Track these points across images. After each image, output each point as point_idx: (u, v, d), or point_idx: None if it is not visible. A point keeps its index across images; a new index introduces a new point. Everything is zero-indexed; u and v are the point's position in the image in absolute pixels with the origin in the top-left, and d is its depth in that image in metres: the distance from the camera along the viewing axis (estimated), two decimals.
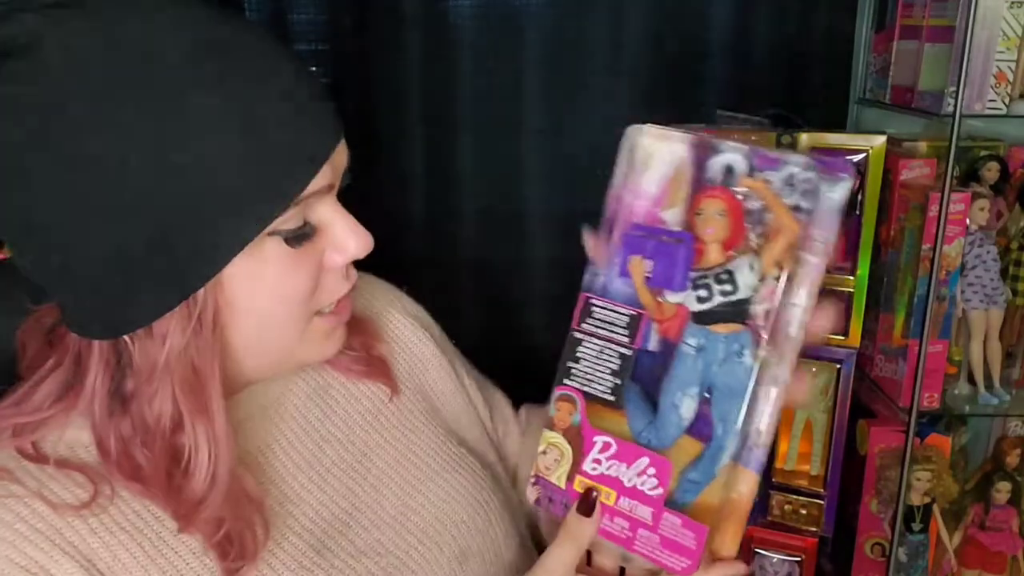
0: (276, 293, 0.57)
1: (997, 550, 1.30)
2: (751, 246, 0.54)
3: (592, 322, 0.58)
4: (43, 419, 0.57)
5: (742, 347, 0.54)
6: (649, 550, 0.55)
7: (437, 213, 1.39)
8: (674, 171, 0.56)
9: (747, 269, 0.54)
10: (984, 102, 1.10)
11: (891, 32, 1.26)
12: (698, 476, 0.55)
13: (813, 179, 0.52)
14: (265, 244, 0.55)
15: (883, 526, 1.25)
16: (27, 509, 0.54)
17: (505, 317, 1.40)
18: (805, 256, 0.52)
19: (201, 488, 0.56)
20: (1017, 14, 1.08)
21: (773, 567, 1.29)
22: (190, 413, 0.55)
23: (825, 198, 0.52)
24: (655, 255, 0.56)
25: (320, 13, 1.32)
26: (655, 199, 0.57)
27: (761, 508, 1.28)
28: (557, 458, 0.59)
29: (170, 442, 0.56)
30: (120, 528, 0.56)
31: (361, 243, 0.59)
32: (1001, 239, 1.21)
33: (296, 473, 0.66)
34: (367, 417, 0.72)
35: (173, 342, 0.54)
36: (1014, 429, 1.31)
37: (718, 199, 0.54)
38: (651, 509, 0.55)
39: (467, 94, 1.36)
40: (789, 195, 0.53)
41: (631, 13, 1.33)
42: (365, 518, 0.67)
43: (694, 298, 0.55)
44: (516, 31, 1.33)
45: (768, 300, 0.53)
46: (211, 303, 0.54)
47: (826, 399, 1.22)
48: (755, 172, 0.54)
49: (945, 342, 1.16)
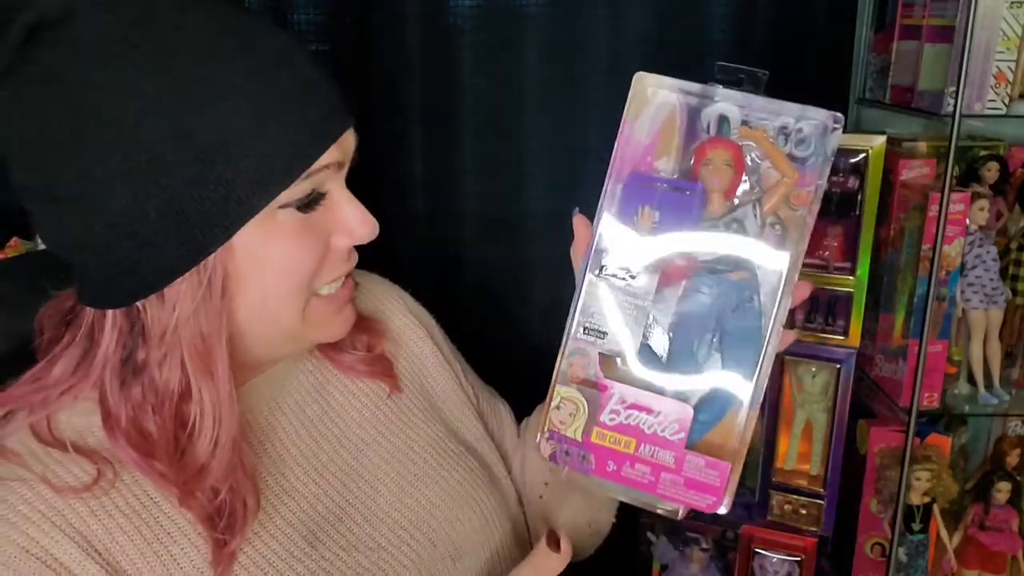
0: (283, 265, 0.58)
1: (997, 550, 1.30)
2: (751, 196, 0.55)
3: (604, 272, 0.58)
4: (59, 393, 0.59)
5: (752, 293, 0.55)
6: (673, 492, 0.56)
7: (437, 213, 1.39)
8: (665, 119, 0.58)
9: (752, 217, 0.55)
10: (984, 102, 1.10)
11: (891, 32, 1.26)
12: (707, 417, 0.56)
13: (805, 129, 0.55)
14: (277, 215, 0.57)
15: (883, 526, 1.25)
16: (31, 492, 0.56)
17: (505, 317, 1.40)
18: (799, 206, 0.55)
19: (204, 454, 0.58)
20: (1017, 14, 1.08)
21: (773, 567, 1.29)
22: (197, 379, 0.57)
23: (817, 147, 0.54)
24: (663, 203, 0.56)
25: (320, 13, 1.32)
26: (647, 148, 0.58)
27: (761, 508, 1.28)
28: (572, 412, 0.58)
29: (178, 407, 0.58)
30: (119, 511, 0.58)
31: (367, 228, 0.62)
32: (1001, 239, 1.21)
33: (292, 467, 0.67)
34: (364, 414, 0.73)
35: (183, 308, 0.56)
36: (1014, 429, 1.31)
37: (726, 149, 0.56)
38: (673, 453, 0.56)
39: (467, 94, 1.36)
40: (783, 145, 0.55)
41: (631, 13, 1.33)
42: (358, 513, 0.68)
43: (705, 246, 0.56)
44: (516, 31, 1.33)
45: (767, 243, 0.56)
46: (220, 270, 0.56)
47: (826, 399, 1.22)
48: (750, 123, 0.56)
49: (945, 342, 1.16)
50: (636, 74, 0.60)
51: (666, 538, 1.34)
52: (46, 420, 0.59)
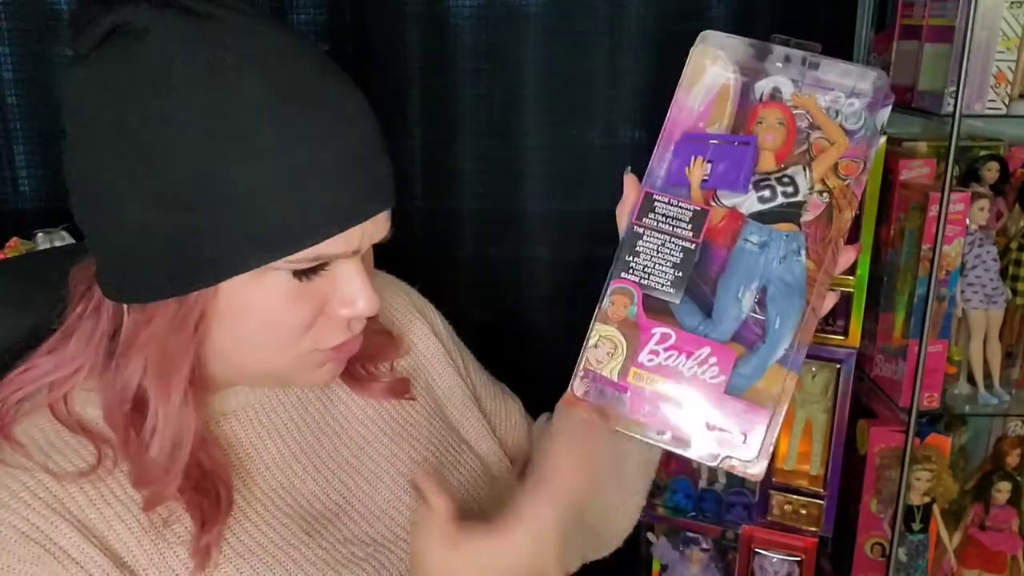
0: (264, 321, 0.59)
1: (997, 550, 1.30)
2: (803, 159, 0.57)
3: (654, 217, 0.59)
4: (74, 370, 0.61)
5: (799, 247, 0.56)
6: None
7: (437, 213, 1.39)
8: (719, 91, 0.59)
9: (802, 176, 0.57)
10: (984, 102, 1.10)
11: (891, 32, 1.26)
12: (750, 371, 0.56)
13: (856, 104, 0.57)
14: (267, 275, 0.57)
15: (883, 526, 1.25)
16: (32, 479, 0.58)
17: (505, 317, 1.40)
18: (847, 176, 0.56)
19: (161, 461, 0.59)
20: (1017, 14, 1.08)
21: (773, 567, 1.29)
22: (154, 394, 0.59)
23: (868, 121, 0.56)
24: (716, 157, 0.58)
25: (320, 13, 1.32)
26: (700, 115, 0.59)
27: (761, 508, 1.28)
28: (610, 351, 0.58)
29: (133, 410, 0.60)
30: (117, 499, 0.59)
31: (369, 304, 0.60)
32: (1001, 239, 1.21)
33: (292, 462, 0.67)
34: (367, 412, 0.73)
35: (157, 326, 0.58)
36: (1014, 429, 1.31)
37: (778, 108, 0.58)
38: (711, 397, 0.56)
39: (467, 94, 1.36)
40: (835, 117, 0.57)
41: (630, 14, 1.33)
42: (355, 511, 0.68)
43: (755, 199, 0.57)
44: (516, 31, 1.33)
45: (813, 211, 0.57)
46: (199, 308, 0.58)
47: (826, 399, 1.22)
48: (801, 93, 0.58)
49: (945, 342, 1.16)
50: (701, 33, 0.61)
51: (666, 538, 1.34)
52: (63, 400, 0.61)
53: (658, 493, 1.35)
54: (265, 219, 0.54)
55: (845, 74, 0.58)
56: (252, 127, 0.53)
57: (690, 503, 1.33)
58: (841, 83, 0.57)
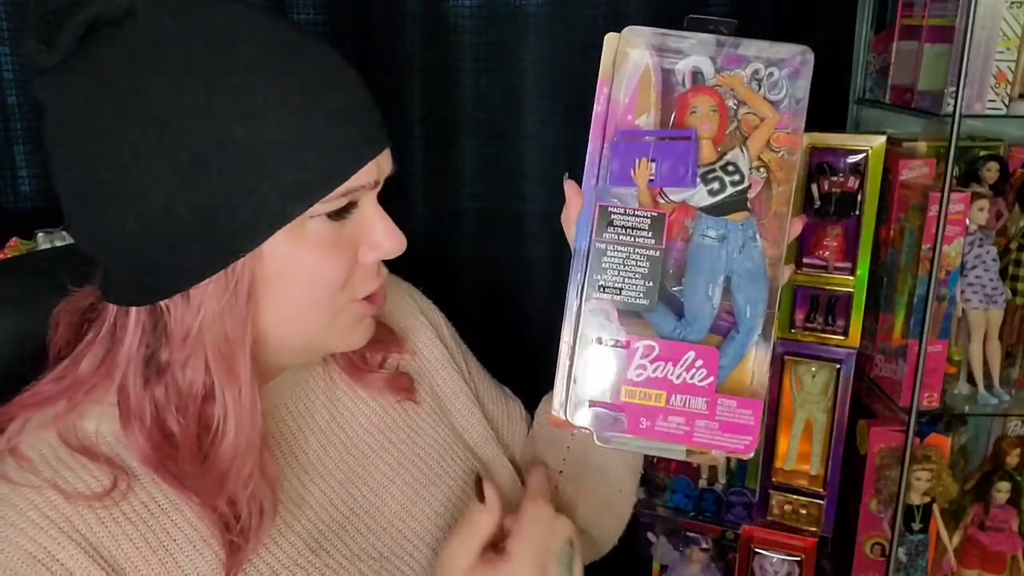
0: (310, 275, 0.59)
1: (997, 550, 1.30)
2: (735, 140, 0.57)
3: (613, 231, 0.59)
4: (83, 393, 0.59)
5: (754, 232, 0.57)
6: (710, 438, 0.56)
7: (437, 213, 1.39)
8: (641, 78, 0.59)
9: (743, 160, 0.57)
10: (984, 102, 1.10)
11: (891, 32, 1.26)
12: (728, 360, 0.57)
13: (776, 73, 0.56)
14: (307, 225, 0.57)
15: (883, 526, 1.25)
16: (40, 497, 0.56)
17: (505, 317, 1.40)
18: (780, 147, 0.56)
19: (227, 457, 0.57)
20: (1017, 14, 1.08)
21: (773, 567, 1.29)
22: (220, 381, 0.57)
23: (790, 90, 0.55)
24: (659, 155, 0.57)
25: (320, 13, 1.32)
26: (627, 107, 0.59)
27: (761, 508, 1.28)
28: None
29: (201, 409, 0.58)
30: (126, 519, 0.57)
31: (395, 242, 0.62)
32: (1001, 239, 1.21)
33: (299, 473, 0.66)
34: (373, 420, 0.72)
35: (208, 310, 0.56)
36: (1014, 429, 1.31)
37: (710, 96, 0.57)
38: (705, 399, 0.56)
39: (467, 94, 1.36)
40: (756, 91, 0.57)
41: (631, 13, 1.33)
42: (362, 523, 0.67)
43: (705, 192, 0.57)
44: (516, 31, 1.33)
45: (754, 188, 0.57)
46: (248, 275, 0.57)
47: (826, 399, 1.22)
48: (723, 71, 0.57)
49: (945, 342, 1.16)
50: (607, 35, 0.62)
51: (666, 538, 1.34)
52: (73, 424, 0.59)
53: (658, 493, 1.35)
54: (295, 168, 0.55)
55: (762, 48, 0.57)
56: (258, 84, 0.54)
57: (690, 503, 1.33)
58: (759, 55, 0.57)
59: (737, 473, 1.30)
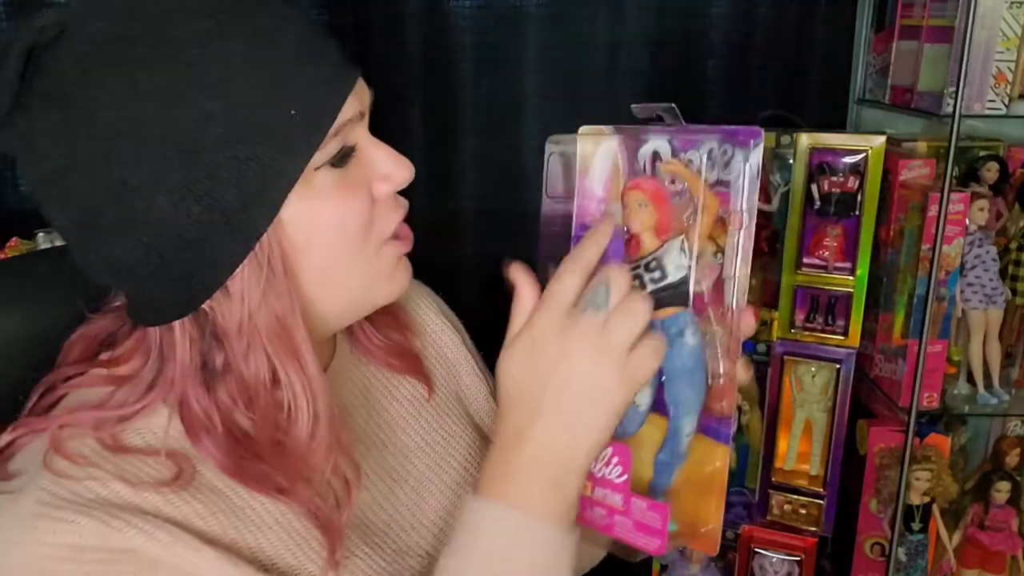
0: (334, 225, 0.58)
1: (997, 550, 1.30)
2: (684, 227, 0.55)
3: None
4: (134, 412, 0.57)
5: (681, 329, 0.54)
6: (625, 533, 0.56)
7: (437, 213, 1.39)
8: (612, 168, 0.58)
9: (676, 252, 0.54)
10: (983, 102, 1.10)
11: (891, 32, 1.26)
12: (667, 457, 0.56)
13: (729, 150, 0.54)
14: (314, 178, 0.56)
15: (883, 526, 1.25)
16: (106, 489, 0.54)
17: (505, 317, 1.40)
18: (733, 229, 0.54)
19: (305, 435, 0.57)
20: (1016, 14, 1.08)
21: (773, 567, 1.29)
22: (282, 362, 0.56)
23: (743, 167, 0.53)
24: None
25: (320, 13, 1.32)
26: (602, 199, 0.58)
27: (761, 508, 1.28)
28: None
29: (272, 396, 0.57)
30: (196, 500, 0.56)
31: (403, 169, 0.61)
32: (1000, 239, 1.21)
33: None
34: (408, 420, 0.72)
35: (251, 296, 0.55)
36: (1013, 429, 1.32)
37: (637, 190, 0.56)
38: (620, 495, 0.56)
39: (467, 94, 1.36)
40: (711, 170, 0.54)
41: (631, 13, 1.33)
42: (406, 521, 0.67)
43: None
44: (516, 31, 1.33)
45: (709, 276, 0.55)
46: (277, 248, 0.55)
47: (826, 399, 1.22)
48: (679, 154, 0.55)
49: (944, 342, 1.16)
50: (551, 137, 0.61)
51: None
52: (115, 435, 0.57)
53: None
54: (281, 122, 0.54)
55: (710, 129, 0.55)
56: (209, 51, 0.52)
57: None
58: (712, 132, 0.55)
59: (737, 473, 1.30)
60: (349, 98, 0.57)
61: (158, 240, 0.53)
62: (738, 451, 1.29)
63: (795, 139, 1.16)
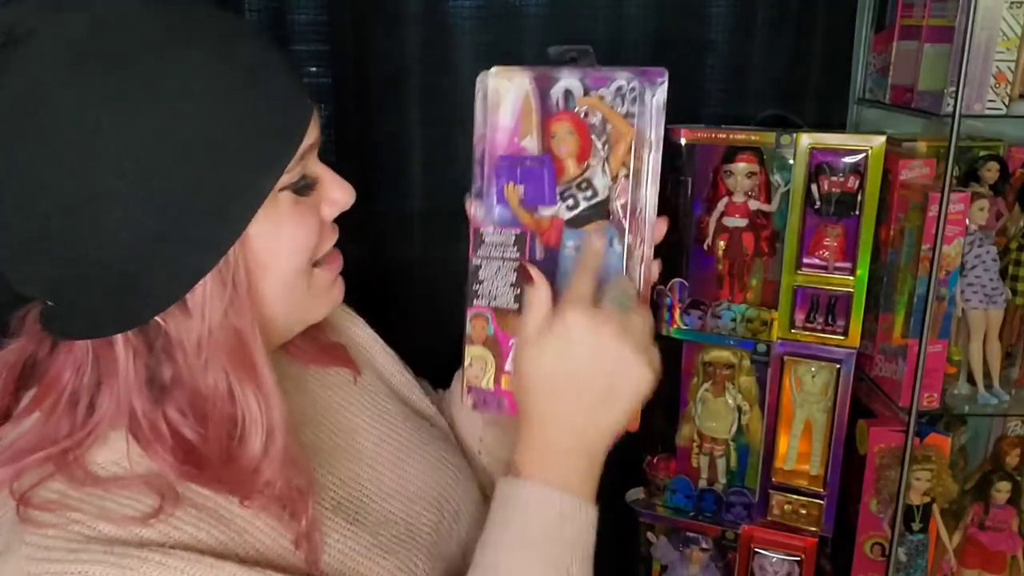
0: (294, 245, 0.59)
1: (997, 550, 1.30)
2: (600, 155, 0.64)
3: (485, 249, 0.70)
4: (85, 437, 0.56)
5: (611, 239, 0.63)
6: None
7: (437, 213, 1.39)
8: (523, 103, 0.66)
9: (600, 174, 0.64)
10: (984, 102, 1.10)
11: (891, 32, 1.26)
12: None
13: (637, 87, 0.63)
14: (279, 200, 0.57)
15: (883, 526, 1.25)
16: (92, 531, 0.52)
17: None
18: (644, 153, 0.63)
19: (258, 452, 0.57)
20: (1016, 14, 1.08)
21: (773, 567, 1.29)
22: (239, 378, 0.56)
23: (650, 101, 0.62)
24: (524, 179, 0.66)
25: (320, 13, 1.32)
26: (512, 130, 0.67)
27: (761, 508, 1.28)
28: (483, 367, 0.69)
29: (226, 411, 0.57)
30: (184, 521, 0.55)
31: (347, 195, 0.64)
32: (1001, 239, 1.21)
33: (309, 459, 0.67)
34: (343, 403, 0.75)
35: (212, 312, 0.55)
36: (1014, 429, 1.32)
37: (565, 120, 0.65)
38: None
39: (467, 94, 1.35)
40: (620, 105, 0.63)
41: (630, 14, 1.33)
42: (375, 493, 0.69)
43: (564, 208, 0.65)
44: (516, 31, 1.33)
45: (623, 195, 0.64)
46: (242, 264, 0.56)
47: (826, 399, 1.22)
48: (590, 91, 0.64)
49: (945, 342, 1.16)
50: (481, 73, 0.69)
51: (666, 538, 1.34)
52: (82, 467, 0.55)
53: (658, 493, 1.35)
54: (252, 138, 0.54)
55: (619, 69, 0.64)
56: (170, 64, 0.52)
57: (690, 503, 1.33)
58: (622, 72, 0.64)
59: (737, 473, 1.30)
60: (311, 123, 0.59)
61: (115, 250, 0.52)
62: (738, 451, 1.29)
63: (795, 139, 1.15)
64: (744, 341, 1.24)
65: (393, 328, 0.88)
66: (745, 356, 1.25)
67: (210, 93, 0.53)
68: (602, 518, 0.64)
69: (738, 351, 1.25)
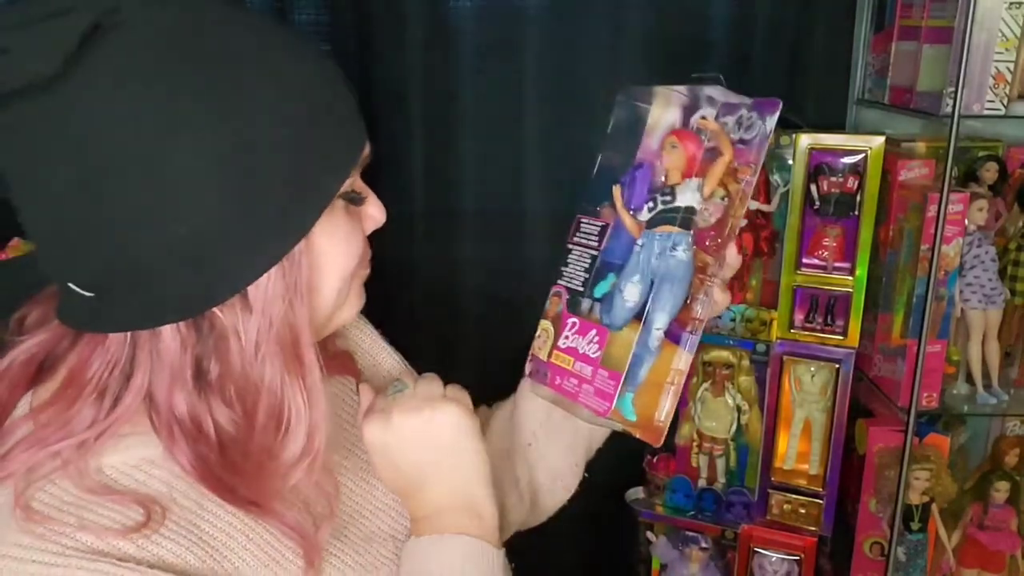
0: (349, 250, 0.61)
1: (996, 549, 1.30)
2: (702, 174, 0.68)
3: (579, 236, 0.75)
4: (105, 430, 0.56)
5: (675, 244, 0.66)
6: (587, 399, 0.69)
7: (437, 213, 1.39)
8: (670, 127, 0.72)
9: (693, 189, 0.67)
10: (983, 103, 1.10)
11: (890, 33, 1.26)
12: (640, 351, 0.67)
13: (754, 117, 0.67)
14: (335, 206, 0.59)
15: (882, 525, 1.25)
16: (72, 541, 0.52)
17: (504, 316, 1.40)
18: (742, 178, 0.67)
19: (300, 447, 0.58)
20: (1015, 15, 1.08)
21: (772, 566, 1.29)
22: (291, 375, 0.57)
23: (760, 128, 0.66)
24: (628, 183, 0.71)
25: (320, 13, 1.32)
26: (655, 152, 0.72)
27: (760, 507, 1.29)
28: (545, 339, 0.74)
29: (273, 407, 0.58)
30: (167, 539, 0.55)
31: (383, 214, 0.65)
32: (999, 239, 1.21)
33: None
34: (344, 416, 0.74)
35: (273, 307, 0.56)
36: (1012, 429, 1.32)
37: (672, 135, 0.70)
38: (591, 367, 0.69)
39: (467, 94, 1.36)
40: (737, 131, 0.68)
41: (631, 13, 1.34)
42: (364, 508, 0.69)
43: (646, 210, 0.69)
44: (516, 31, 1.33)
45: (716, 213, 0.68)
46: (304, 264, 0.57)
47: (825, 399, 1.22)
48: (719, 117, 0.69)
49: (944, 342, 1.16)
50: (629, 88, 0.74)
51: (666, 538, 1.34)
52: (86, 465, 0.55)
53: (658, 493, 1.36)
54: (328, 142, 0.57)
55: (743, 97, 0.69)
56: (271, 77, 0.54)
57: (689, 502, 1.34)
58: (743, 103, 0.69)
59: (736, 473, 1.30)
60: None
61: (186, 239, 0.52)
62: (737, 451, 1.30)
63: (794, 139, 1.16)
64: (743, 341, 1.24)
65: (393, 328, 0.88)
66: (744, 356, 1.25)
67: (291, 95, 0.54)
68: (602, 518, 0.64)
69: (737, 351, 1.25)
